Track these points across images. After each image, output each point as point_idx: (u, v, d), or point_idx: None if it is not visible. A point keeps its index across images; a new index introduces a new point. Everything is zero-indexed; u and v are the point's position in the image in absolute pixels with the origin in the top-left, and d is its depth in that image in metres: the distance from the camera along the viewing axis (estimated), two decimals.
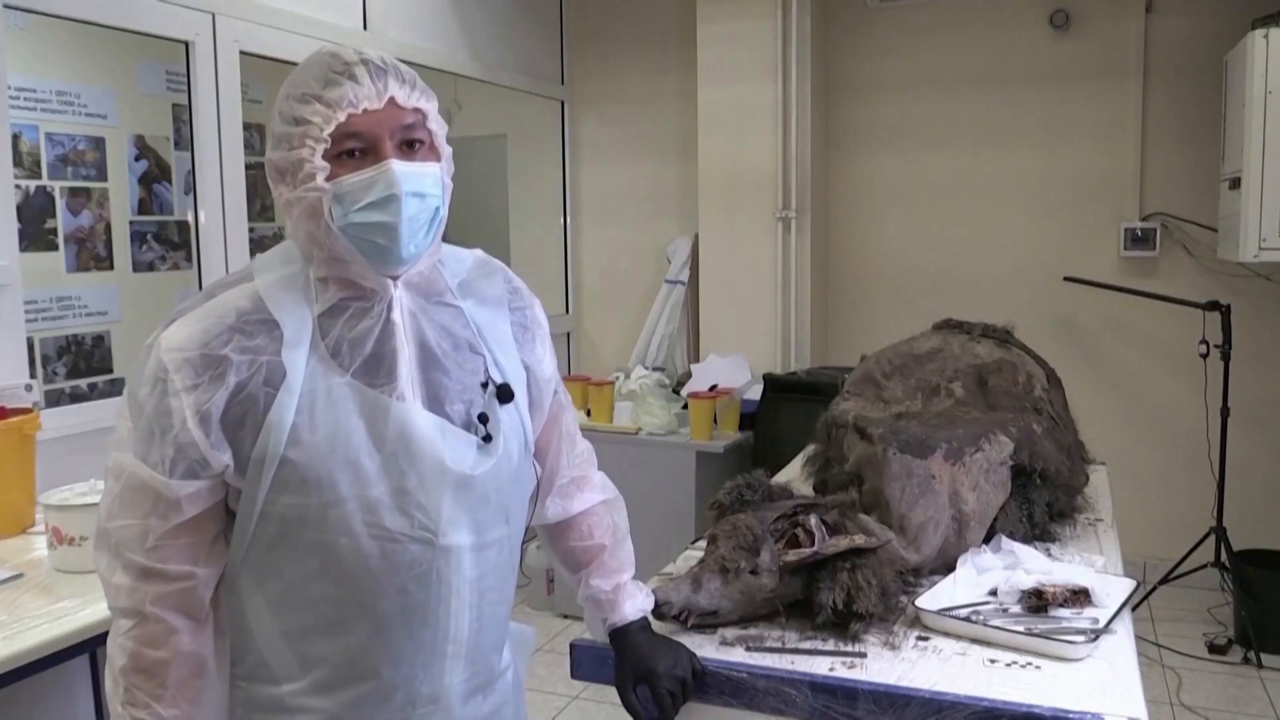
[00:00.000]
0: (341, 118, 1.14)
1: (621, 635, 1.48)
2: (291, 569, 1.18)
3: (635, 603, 1.50)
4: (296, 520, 1.15)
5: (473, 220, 6.02)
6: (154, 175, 4.19)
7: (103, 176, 4.01)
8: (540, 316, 1.40)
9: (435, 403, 1.22)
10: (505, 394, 1.27)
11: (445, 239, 1.29)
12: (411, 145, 1.18)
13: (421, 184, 1.17)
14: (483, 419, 1.25)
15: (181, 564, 1.16)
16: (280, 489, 1.14)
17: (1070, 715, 1.33)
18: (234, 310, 1.16)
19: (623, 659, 1.47)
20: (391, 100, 1.16)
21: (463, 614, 1.24)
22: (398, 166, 1.15)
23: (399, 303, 1.21)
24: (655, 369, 4.63)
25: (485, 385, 1.26)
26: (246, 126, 3.33)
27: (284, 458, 1.13)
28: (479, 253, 1.38)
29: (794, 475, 2.31)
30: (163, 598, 1.15)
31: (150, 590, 1.15)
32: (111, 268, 4.06)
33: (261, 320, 1.16)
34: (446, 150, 1.23)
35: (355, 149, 1.15)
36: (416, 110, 1.18)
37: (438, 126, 1.22)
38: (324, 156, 1.15)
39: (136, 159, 4.13)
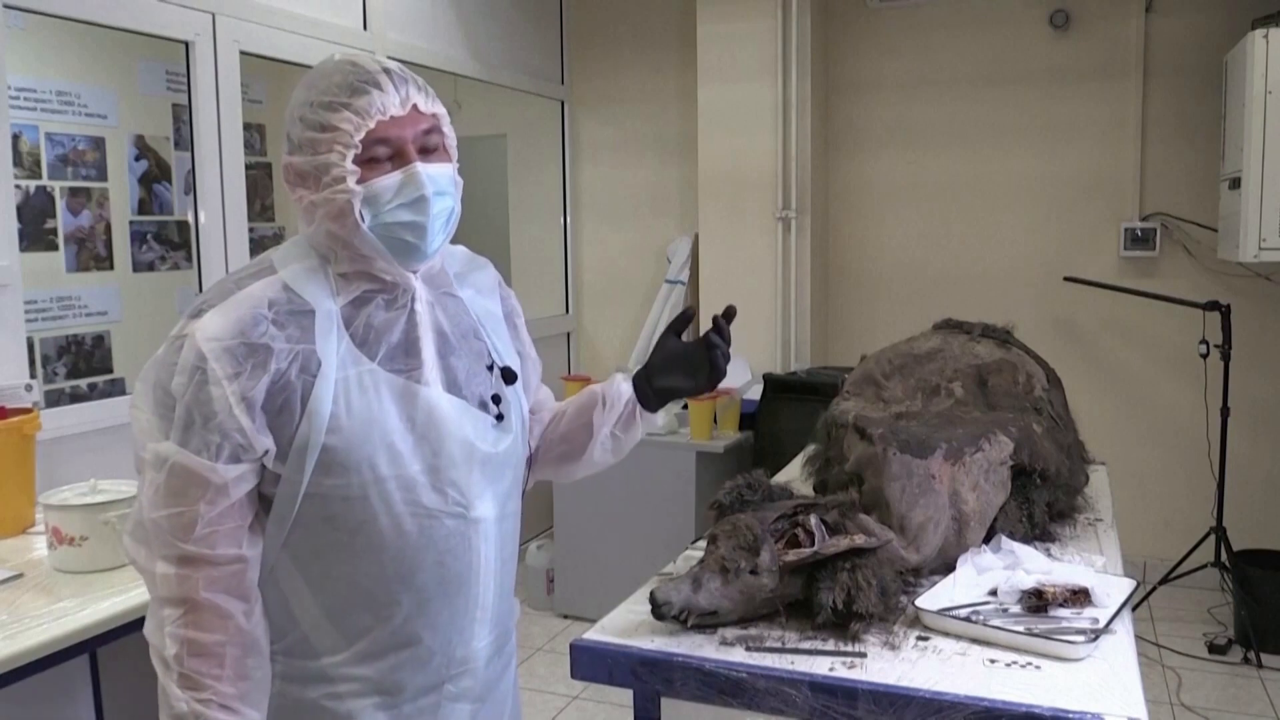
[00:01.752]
0: (371, 124, 1.22)
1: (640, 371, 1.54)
2: (333, 550, 1.24)
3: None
4: (339, 501, 1.21)
5: (473, 220, 6.00)
6: (154, 175, 4.20)
7: (103, 176, 4.01)
8: (519, 307, 1.53)
9: (454, 386, 1.31)
10: (510, 375, 1.38)
11: None
12: (430, 149, 1.27)
13: (442, 184, 1.27)
14: (495, 400, 1.34)
15: (229, 548, 1.20)
16: (322, 473, 1.20)
17: (1070, 715, 1.33)
18: (266, 300, 1.22)
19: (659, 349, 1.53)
20: (414, 107, 1.25)
21: (490, 581, 1.34)
22: (423, 169, 1.24)
23: (420, 295, 1.31)
24: None
25: (490, 368, 1.36)
26: (246, 126, 3.34)
27: (325, 444, 1.19)
28: (463, 248, 1.49)
29: (794, 475, 2.31)
30: (215, 582, 1.19)
31: (200, 577, 1.19)
32: (111, 268, 4.06)
33: (292, 311, 1.23)
34: (455, 153, 1.32)
35: (383, 154, 1.23)
36: (433, 116, 1.27)
37: (449, 131, 1.31)
38: (353, 161, 1.22)
39: (136, 159, 4.13)
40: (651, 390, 1.52)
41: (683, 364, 1.50)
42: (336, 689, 1.27)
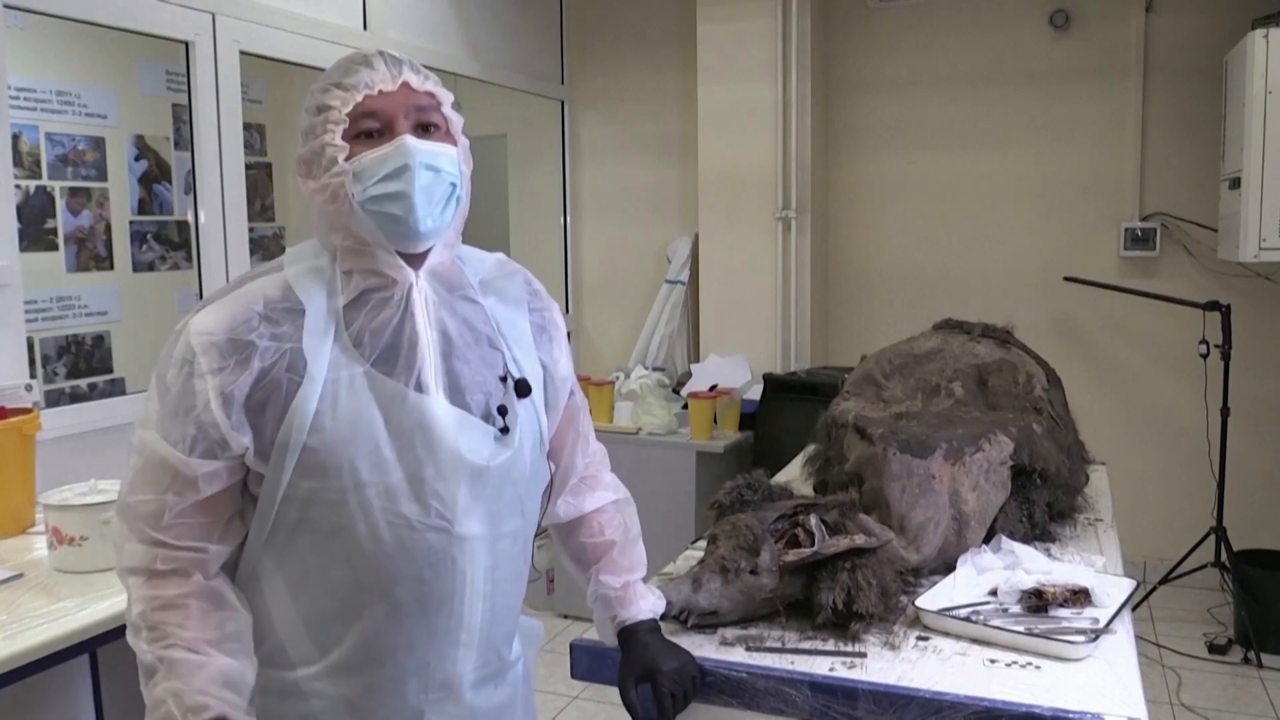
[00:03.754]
0: (358, 98, 1.20)
1: (629, 634, 1.48)
2: (311, 553, 1.21)
3: (646, 603, 1.51)
4: (317, 505, 1.19)
5: (473, 220, 5.98)
6: (154, 175, 4.20)
7: (103, 176, 4.01)
8: (559, 320, 1.44)
9: (456, 393, 1.25)
10: (523, 388, 1.30)
11: None
12: (426, 128, 1.24)
13: (436, 159, 1.23)
14: (501, 411, 1.28)
15: (193, 540, 1.19)
16: (302, 474, 1.18)
17: (1070, 715, 1.33)
18: (262, 297, 1.21)
19: (627, 656, 1.47)
20: (405, 84, 1.22)
21: (476, 603, 1.27)
22: (412, 141, 1.21)
23: (420, 291, 1.26)
24: (655, 369, 4.63)
25: (504, 379, 1.29)
26: (246, 126, 3.34)
27: (306, 444, 1.17)
28: (500, 255, 1.43)
29: (794, 475, 2.31)
30: (173, 558, 1.19)
31: (160, 554, 1.19)
32: (111, 268, 4.06)
33: (288, 309, 1.21)
34: (463, 141, 1.29)
35: (372, 128, 1.21)
36: (430, 95, 1.25)
37: (453, 115, 1.28)
38: (343, 137, 1.21)
39: (136, 159, 4.13)
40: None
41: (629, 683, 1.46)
42: (310, 706, 1.24)
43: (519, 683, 1.40)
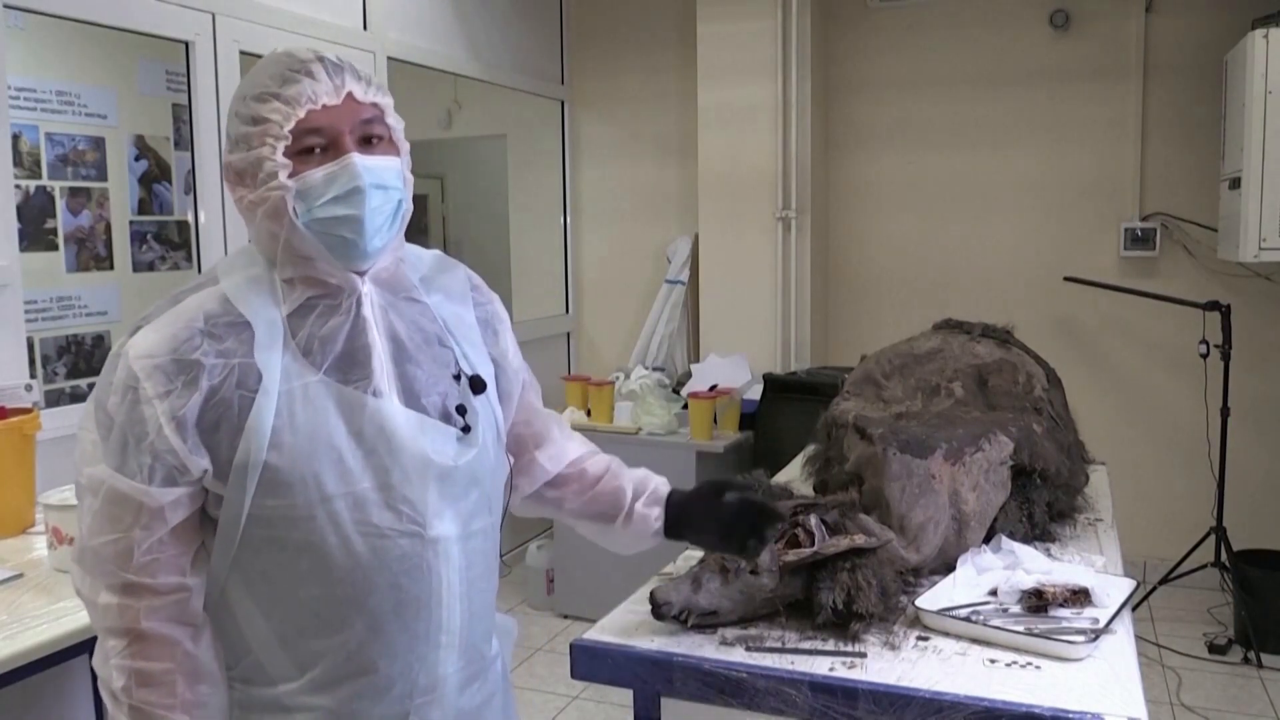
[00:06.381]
0: (301, 114, 1.15)
1: (675, 496, 1.55)
2: (281, 572, 1.17)
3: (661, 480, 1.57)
4: (284, 522, 1.15)
5: (473, 220, 6.02)
6: (154, 175, 4.19)
7: (103, 176, 4.01)
8: (502, 312, 1.42)
9: (411, 396, 1.22)
10: (478, 385, 1.29)
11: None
12: (370, 140, 1.20)
13: (384, 177, 1.19)
14: (461, 410, 1.26)
15: (171, 576, 1.15)
16: (265, 493, 1.13)
17: (1070, 715, 1.33)
18: (202, 314, 1.16)
19: (696, 496, 1.53)
20: (350, 95, 1.17)
21: (454, 604, 1.25)
22: (360, 160, 1.16)
23: (368, 298, 1.23)
24: (655, 369, 4.63)
25: (458, 377, 1.27)
26: None
27: (266, 462, 1.13)
28: (437, 251, 1.40)
29: (794, 475, 2.31)
30: (156, 611, 1.15)
31: (141, 605, 1.14)
32: (111, 267, 4.06)
33: (230, 323, 1.16)
34: (405, 145, 1.25)
35: (316, 145, 1.16)
36: (374, 105, 1.20)
37: (395, 122, 1.23)
38: (284, 154, 1.15)
39: (136, 159, 4.13)
40: (678, 534, 1.54)
41: (720, 528, 1.50)
42: (294, 719, 1.21)
43: (499, 680, 1.39)
